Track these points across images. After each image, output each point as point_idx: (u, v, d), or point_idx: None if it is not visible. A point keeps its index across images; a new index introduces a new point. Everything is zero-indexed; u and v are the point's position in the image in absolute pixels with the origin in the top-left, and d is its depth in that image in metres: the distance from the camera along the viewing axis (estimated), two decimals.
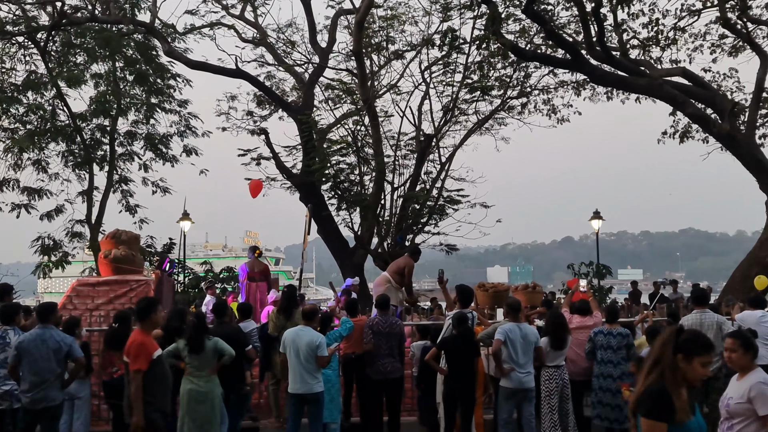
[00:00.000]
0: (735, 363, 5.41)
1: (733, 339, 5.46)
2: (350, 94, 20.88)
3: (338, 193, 20.01)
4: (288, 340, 8.66)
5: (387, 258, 18.14)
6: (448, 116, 21.41)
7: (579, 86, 22.82)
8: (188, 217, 27.28)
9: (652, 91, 18.29)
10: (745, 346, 5.39)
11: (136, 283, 12.06)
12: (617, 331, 9.39)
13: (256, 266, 14.19)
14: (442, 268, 10.87)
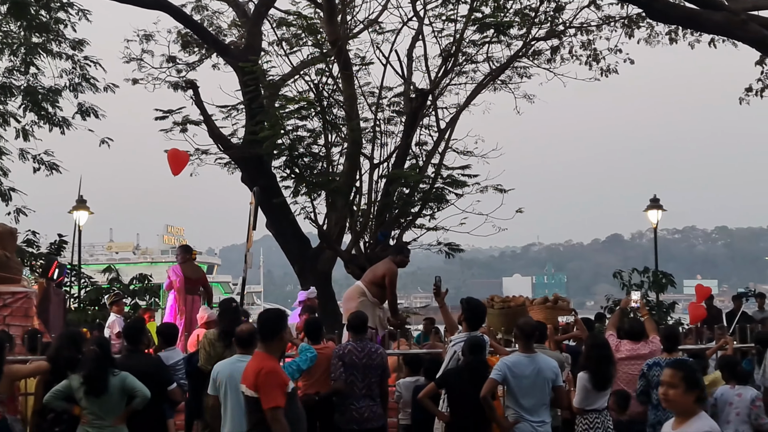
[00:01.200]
0: (672, 403, 5.61)
1: (673, 370, 5.62)
2: (313, 34, 20.81)
3: (296, 171, 19.99)
4: (221, 376, 8.65)
5: (364, 263, 18.18)
6: (450, 65, 21.42)
7: (631, 23, 22.92)
8: (85, 206, 27.10)
9: (732, 30, 18.38)
10: (689, 382, 5.56)
11: (11, 296, 12.03)
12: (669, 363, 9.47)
13: (191, 272, 14.19)
14: (438, 275, 10.93)
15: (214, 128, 21.05)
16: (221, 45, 22.30)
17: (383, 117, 20.89)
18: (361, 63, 21.41)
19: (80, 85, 23.53)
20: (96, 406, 8.22)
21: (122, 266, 35.17)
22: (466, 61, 22.14)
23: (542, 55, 23.16)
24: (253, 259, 16.40)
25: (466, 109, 21.81)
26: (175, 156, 18.47)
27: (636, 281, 23.47)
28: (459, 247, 21.51)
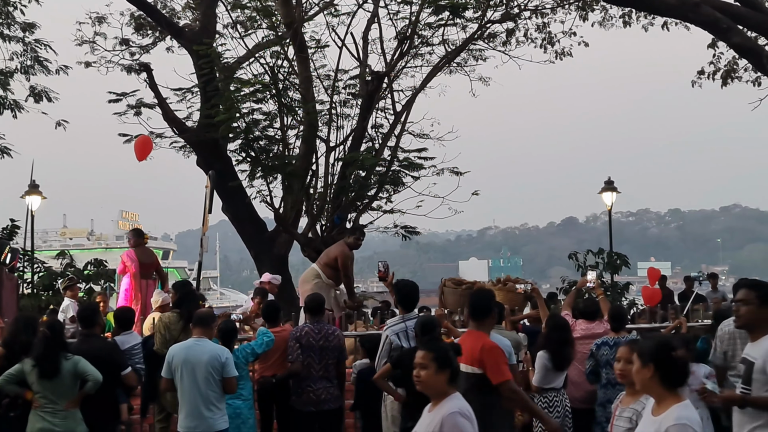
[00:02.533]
0: (628, 378, 5.74)
1: (628, 347, 5.68)
2: (268, 16, 20.69)
3: (252, 154, 19.88)
4: (177, 358, 8.61)
5: (320, 246, 18.13)
6: (405, 47, 21.38)
7: (586, 6, 23.03)
8: (38, 191, 26.81)
9: (685, 12, 18.51)
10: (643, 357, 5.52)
11: None
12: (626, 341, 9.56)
13: (145, 256, 14.10)
14: (384, 260, 10.90)
15: (169, 112, 20.88)
16: (175, 27, 22.09)
17: (339, 100, 20.79)
18: (316, 46, 21.28)
19: (32, 68, 23.28)
20: (48, 390, 8.15)
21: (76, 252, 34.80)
22: (421, 43, 22.11)
23: (497, 38, 23.23)
24: (209, 243, 16.28)
25: (422, 91, 21.81)
26: (142, 143, 18.31)
27: (591, 262, 23.63)
28: (415, 230, 21.52)
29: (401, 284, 9.69)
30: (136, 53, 23.58)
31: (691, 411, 5.20)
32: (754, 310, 6.68)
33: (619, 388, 9.33)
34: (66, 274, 23.85)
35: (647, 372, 5.29)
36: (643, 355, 5.38)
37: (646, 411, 5.46)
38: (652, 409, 5.34)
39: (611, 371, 9.44)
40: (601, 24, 23.58)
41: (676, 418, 5.08)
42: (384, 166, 20.34)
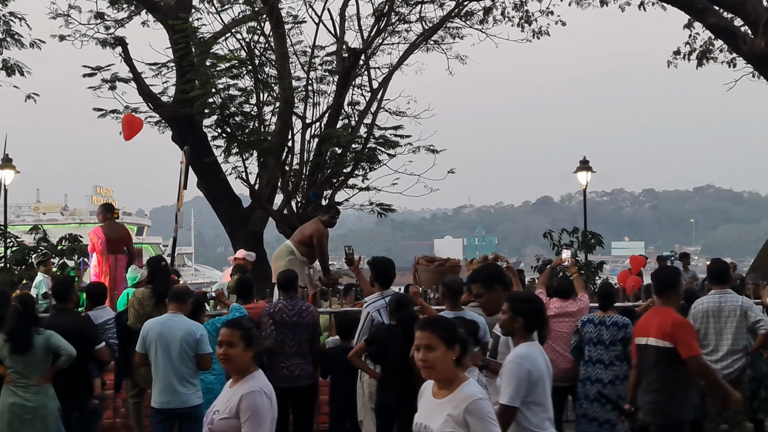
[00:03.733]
0: (429, 371, 5.52)
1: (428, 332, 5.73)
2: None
3: (227, 130, 19.81)
4: (152, 333, 8.61)
5: (295, 222, 18.12)
6: (382, 24, 21.34)
7: None
8: (10, 165, 26.70)
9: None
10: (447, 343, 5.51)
11: None
12: (612, 320, 9.64)
13: (113, 232, 14.02)
14: (349, 245, 10.92)
15: (144, 86, 20.72)
16: (151, 2, 21.88)
17: (315, 76, 20.75)
18: (293, 21, 21.20)
19: (4, 41, 23.05)
20: (20, 364, 8.13)
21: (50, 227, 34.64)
22: (398, 20, 22.10)
23: (475, 16, 23.25)
24: (183, 219, 16.27)
25: (398, 69, 21.83)
26: (129, 121, 18.20)
27: (566, 241, 23.76)
28: (391, 208, 21.58)
29: (377, 261, 9.74)
30: (111, 27, 23.42)
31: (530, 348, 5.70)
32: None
33: (600, 366, 9.45)
34: (39, 249, 23.73)
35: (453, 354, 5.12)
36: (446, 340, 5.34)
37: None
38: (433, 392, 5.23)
39: (594, 349, 9.53)
40: (578, 3, 23.61)
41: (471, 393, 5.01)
42: (360, 144, 20.36)
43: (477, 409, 4.90)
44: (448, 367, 5.08)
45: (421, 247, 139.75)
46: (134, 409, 10.58)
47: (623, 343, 9.53)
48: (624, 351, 9.52)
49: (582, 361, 9.68)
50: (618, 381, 9.47)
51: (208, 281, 79.36)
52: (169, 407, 8.58)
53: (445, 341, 5.07)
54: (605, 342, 9.52)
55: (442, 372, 5.10)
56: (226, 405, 5.54)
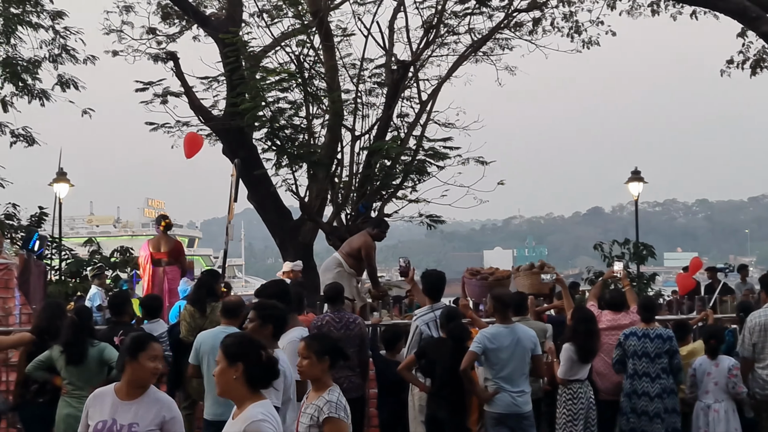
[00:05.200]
0: (306, 373, 5.88)
1: (305, 343, 5.93)
2: (293, 5, 20.69)
3: (277, 143, 19.94)
4: (205, 346, 8.66)
5: (345, 234, 18.16)
6: (431, 36, 21.36)
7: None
8: (65, 178, 27.03)
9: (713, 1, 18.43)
10: (318, 352, 5.83)
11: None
12: (656, 333, 9.55)
13: (163, 244, 14.16)
14: (405, 257, 10.93)
15: (195, 100, 20.95)
16: (201, 16, 22.14)
17: (364, 89, 20.83)
18: (342, 34, 21.33)
19: (60, 57, 23.42)
20: (75, 376, 8.23)
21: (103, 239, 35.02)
22: (447, 32, 22.12)
23: (524, 27, 23.16)
24: (234, 231, 16.34)
25: (447, 80, 21.83)
26: (191, 140, 18.41)
27: (617, 253, 23.57)
28: (440, 219, 21.53)
29: (427, 274, 9.75)
30: (163, 42, 23.66)
31: (268, 407, 5.13)
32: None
33: (646, 379, 9.37)
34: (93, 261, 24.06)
35: (234, 371, 5.11)
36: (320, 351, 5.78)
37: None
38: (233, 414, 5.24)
39: (639, 362, 9.45)
40: (629, 13, 23.47)
41: (252, 414, 5.01)
42: (409, 155, 20.35)
43: (255, 431, 4.91)
44: (228, 384, 5.11)
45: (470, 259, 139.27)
46: (186, 421, 10.61)
47: (669, 356, 9.44)
48: (670, 364, 9.43)
49: (626, 375, 9.60)
50: (665, 394, 9.39)
51: None
52: (221, 419, 8.60)
53: (227, 357, 5.13)
54: (650, 355, 9.43)
55: (222, 389, 5.17)
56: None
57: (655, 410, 9.28)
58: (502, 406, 8.66)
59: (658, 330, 9.59)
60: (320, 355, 5.95)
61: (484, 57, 23.36)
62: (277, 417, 5.12)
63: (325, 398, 5.83)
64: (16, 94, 23.20)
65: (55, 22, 23.23)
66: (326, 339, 6.27)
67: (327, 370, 5.99)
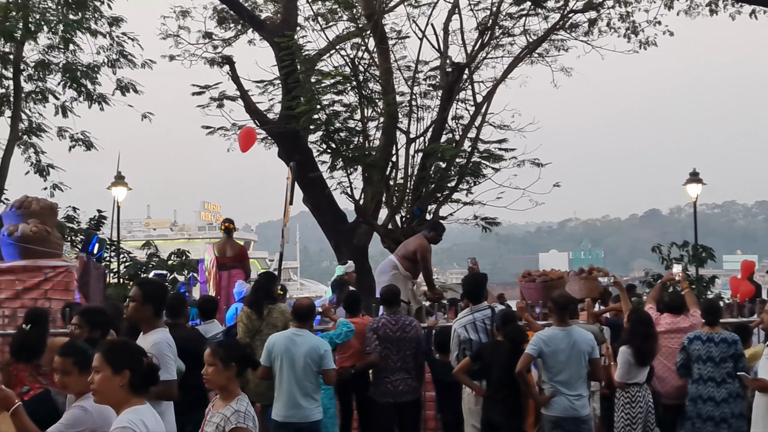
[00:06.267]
0: (211, 381, 5.89)
1: (211, 350, 5.96)
2: (348, 8, 20.78)
3: (332, 146, 20.02)
4: (278, 347, 8.71)
5: (400, 237, 18.15)
6: (486, 38, 21.29)
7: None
8: (123, 182, 27.39)
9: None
10: (224, 359, 5.81)
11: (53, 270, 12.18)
12: (721, 337, 9.43)
13: (228, 248, 14.29)
14: (473, 257, 10.98)
15: (251, 103, 21.10)
16: (257, 20, 22.31)
17: (419, 91, 20.78)
18: (397, 37, 21.30)
19: (118, 62, 23.78)
20: None
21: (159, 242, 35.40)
22: (502, 34, 22.02)
23: (580, 28, 22.97)
24: (289, 234, 16.43)
25: (502, 82, 21.71)
26: (247, 133, 18.59)
27: (675, 255, 23.30)
28: (495, 221, 21.43)
29: (466, 277, 9.79)
30: (219, 46, 23.87)
31: (143, 413, 5.10)
32: None
33: (712, 384, 9.24)
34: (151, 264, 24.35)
35: (121, 379, 5.13)
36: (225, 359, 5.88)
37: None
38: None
39: (704, 366, 9.33)
40: (686, 12, 23.16)
41: (119, 420, 5.00)
42: (464, 158, 20.29)
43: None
44: (113, 391, 5.09)
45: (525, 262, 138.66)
46: None
47: (734, 360, 9.31)
48: (735, 368, 9.30)
49: (691, 380, 9.48)
50: (731, 399, 9.26)
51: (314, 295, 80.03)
52: (291, 421, 8.65)
53: (111, 365, 5.09)
54: (715, 359, 9.30)
55: (103, 396, 5.14)
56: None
57: (722, 415, 9.17)
58: (560, 410, 8.61)
59: (723, 334, 9.47)
60: (226, 363, 5.88)
61: (539, 58, 23.22)
62: (149, 422, 5.09)
63: (233, 407, 5.75)
64: (76, 99, 23.62)
65: (113, 28, 23.61)
66: (234, 346, 6.17)
67: (234, 377, 5.91)
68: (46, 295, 11.90)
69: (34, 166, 24.11)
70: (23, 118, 23.42)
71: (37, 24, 22.06)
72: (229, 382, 5.88)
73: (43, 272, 12.11)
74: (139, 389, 5.14)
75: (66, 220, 23.56)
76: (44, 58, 23.38)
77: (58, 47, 23.31)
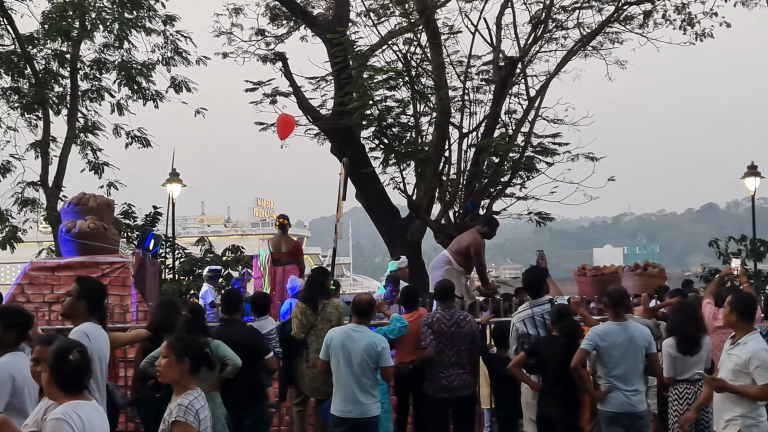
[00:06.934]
0: (162, 374, 5.85)
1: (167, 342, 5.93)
2: (400, 3, 20.75)
3: (385, 141, 20.03)
4: (335, 343, 8.73)
5: (453, 232, 18.12)
6: (539, 31, 21.16)
7: None
8: (178, 179, 27.63)
9: None
10: (178, 353, 5.79)
11: (110, 266, 12.35)
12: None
13: (283, 244, 14.35)
14: (541, 249, 10.98)
15: (303, 100, 21.18)
16: (309, 17, 22.39)
17: (472, 86, 20.72)
18: (449, 32, 21.25)
19: (172, 59, 24.01)
20: None
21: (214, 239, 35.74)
22: (556, 27, 21.86)
23: (634, 20, 22.71)
24: (342, 229, 16.45)
25: (556, 76, 21.53)
26: (283, 121, 18.65)
27: (733, 250, 23.02)
28: (549, 216, 21.28)
29: (525, 272, 9.72)
30: (272, 43, 23.98)
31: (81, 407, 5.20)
32: None
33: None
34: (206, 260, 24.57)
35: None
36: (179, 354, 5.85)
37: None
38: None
39: None
40: (743, 3, 22.81)
41: (55, 412, 5.15)
42: (517, 152, 20.17)
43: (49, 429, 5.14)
44: (47, 386, 5.36)
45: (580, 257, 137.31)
46: (298, 417, 10.76)
47: None
48: None
49: None
50: None
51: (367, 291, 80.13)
52: (349, 416, 8.66)
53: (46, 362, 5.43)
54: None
55: (47, 392, 5.40)
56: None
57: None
58: (616, 405, 8.53)
59: None
60: (180, 356, 5.86)
61: (593, 51, 23.02)
62: (84, 416, 5.19)
63: (178, 402, 5.76)
64: (131, 97, 23.89)
65: (167, 26, 23.86)
66: (191, 341, 6.10)
67: (187, 372, 5.87)
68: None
69: (90, 164, 24.43)
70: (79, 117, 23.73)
71: (93, 23, 22.36)
72: (182, 377, 5.85)
73: (101, 268, 12.28)
74: (68, 387, 5.28)
75: (122, 217, 23.88)
76: (100, 56, 23.69)
77: (113, 46, 23.61)
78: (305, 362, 10.00)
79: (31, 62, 22.60)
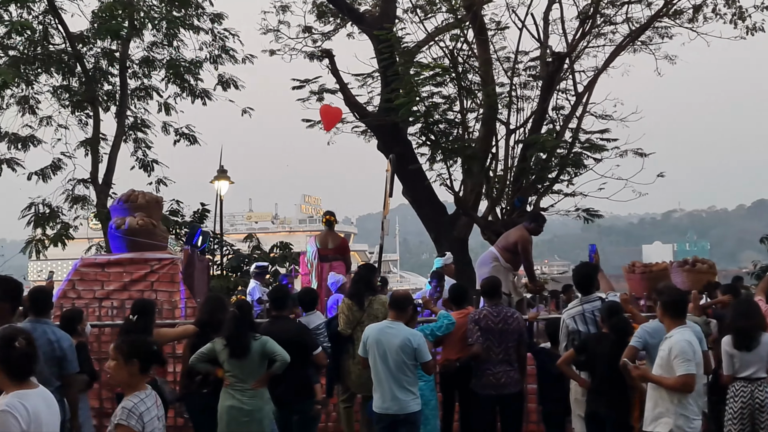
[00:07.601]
0: (112, 376, 5.78)
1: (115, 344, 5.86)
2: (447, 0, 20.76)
3: (432, 138, 20.00)
4: (371, 340, 8.73)
5: (500, 229, 18.05)
6: (587, 27, 21.01)
7: None
8: (226, 176, 27.80)
9: None
10: (126, 354, 5.73)
11: (158, 262, 12.43)
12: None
13: (330, 240, 14.38)
14: (594, 244, 10.94)
15: (350, 96, 21.23)
16: (356, 14, 22.43)
17: (519, 82, 20.65)
18: (496, 27, 21.19)
19: (220, 57, 24.16)
20: (237, 369, 8.44)
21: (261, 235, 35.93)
22: (604, 22, 21.70)
23: (684, 15, 22.47)
24: (389, 226, 16.43)
25: (604, 72, 21.37)
26: (327, 111, 18.70)
27: None
28: (597, 212, 21.12)
29: (578, 268, 9.66)
30: (318, 40, 24.09)
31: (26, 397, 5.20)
32: None
33: None
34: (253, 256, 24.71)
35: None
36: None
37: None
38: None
39: None
40: None
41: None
42: (565, 149, 20.05)
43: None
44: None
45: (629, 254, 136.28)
46: (345, 414, 10.79)
47: None
48: None
49: None
50: None
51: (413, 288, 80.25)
52: (388, 413, 8.65)
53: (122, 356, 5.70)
54: None
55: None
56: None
57: None
58: None
59: None
60: (128, 358, 5.80)
61: (642, 46, 22.82)
62: (30, 405, 5.19)
63: (122, 404, 5.73)
64: (179, 95, 24.08)
65: (214, 24, 24.00)
66: (138, 342, 6.05)
67: (137, 373, 5.82)
68: (153, 287, 12.17)
69: (139, 161, 24.66)
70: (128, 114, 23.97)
71: (142, 22, 22.55)
72: (131, 378, 5.82)
73: (150, 264, 12.37)
74: (15, 375, 5.29)
75: (171, 214, 24.08)
76: (148, 54, 23.90)
77: (161, 44, 23.80)
78: (351, 358, 10.02)
79: (81, 61, 22.83)
